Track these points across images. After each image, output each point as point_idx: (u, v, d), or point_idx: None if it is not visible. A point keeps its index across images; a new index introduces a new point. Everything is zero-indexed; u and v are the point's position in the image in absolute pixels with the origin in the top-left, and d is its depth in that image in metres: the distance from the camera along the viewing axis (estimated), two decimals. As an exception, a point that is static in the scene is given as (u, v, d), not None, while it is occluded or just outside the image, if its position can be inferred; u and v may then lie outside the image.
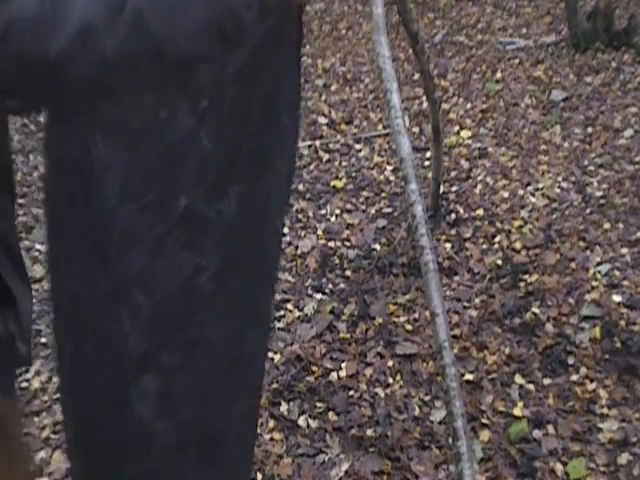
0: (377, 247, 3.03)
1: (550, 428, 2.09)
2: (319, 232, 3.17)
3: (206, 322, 0.87)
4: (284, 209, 0.98)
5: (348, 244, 3.08)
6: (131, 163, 0.76)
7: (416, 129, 4.15)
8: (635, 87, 4.45)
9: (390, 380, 2.30)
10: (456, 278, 2.81)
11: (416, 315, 2.60)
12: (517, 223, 3.12)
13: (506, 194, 3.38)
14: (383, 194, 3.47)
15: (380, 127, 4.20)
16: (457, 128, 4.11)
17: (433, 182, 3.12)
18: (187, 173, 0.76)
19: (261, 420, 2.15)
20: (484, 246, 3.00)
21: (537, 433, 2.08)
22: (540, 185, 3.44)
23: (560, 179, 3.49)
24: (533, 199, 3.33)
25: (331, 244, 3.08)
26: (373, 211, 3.33)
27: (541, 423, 2.11)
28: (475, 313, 2.59)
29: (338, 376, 2.31)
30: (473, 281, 2.79)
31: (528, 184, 3.47)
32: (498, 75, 4.85)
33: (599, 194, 3.32)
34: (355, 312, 2.63)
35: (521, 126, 4.09)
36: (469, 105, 4.42)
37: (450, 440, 1.97)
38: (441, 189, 3.20)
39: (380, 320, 2.57)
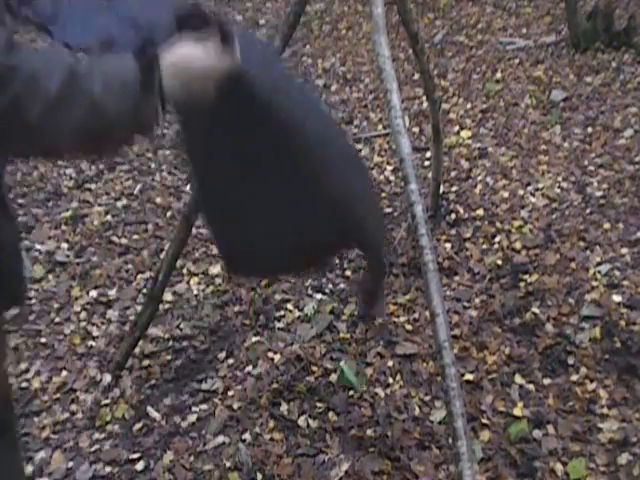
0: (377, 247, 3.03)
1: (550, 428, 2.09)
2: (319, 232, 3.17)
3: None
4: None
5: (348, 244, 3.08)
6: None
7: (416, 129, 4.15)
8: (635, 87, 4.45)
9: (390, 380, 2.30)
10: (456, 278, 2.81)
11: (416, 315, 2.60)
12: (517, 223, 3.12)
13: (506, 194, 3.37)
14: (383, 194, 3.47)
15: (380, 127, 4.20)
16: (457, 128, 4.11)
17: (433, 182, 3.12)
18: None
19: (261, 420, 2.15)
20: (484, 246, 3.00)
21: (537, 433, 2.08)
22: (540, 185, 3.43)
23: (560, 179, 3.49)
24: (533, 199, 3.33)
25: (331, 244, 3.08)
26: (373, 211, 3.33)
27: (541, 423, 2.11)
28: (475, 313, 2.59)
29: (338, 376, 2.31)
30: (473, 281, 2.79)
31: (528, 184, 3.47)
32: (498, 75, 4.85)
33: (599, 194, 3.32)
34: (355, 312, 2.62)
35: (521, 126, 4.09)
36: (469, 105, 4.42)
37: (450, 440, 1.97)
38: (441, 189, 3.20)
39: (380, 320, 2.57)
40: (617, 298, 2.59)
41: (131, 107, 0.95)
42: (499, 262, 2.88)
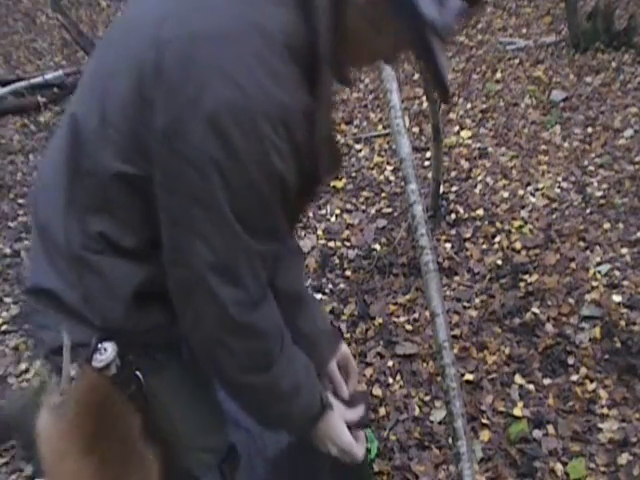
0: (377, 247, 3.03)
1: (550, 428, 2.09)
2: (319, 232, 3.17)
3: None
4: None
5: (348, 244, 3.08)
6: None
7: (416, 129, 4.15)
8: (635, 87, 4.45)
9: (390, 380, 2.30)
10: (456, 278, 2.81)
11: (416, 315, 2.60)
12: (517, 223, 3.12)
13: (506, 194, 3.37)
14: (383, 194, 3.47)
15: (380, 127, 4.20)
16: (457, 128, 4.11)
17: (433, 182, 3.12)
18: None
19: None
20: (484, 246, 3.00)
21: (537, 433, 2.08)
22: (540, 185, 3.43)
23: (560, 179, 3.49)
24: (533, 199, 3.33)
25: (331, 244, 3.08)
26: (373, 211, 3.33)
27: (541, 423, 2.11)
28: (475, 313, 2.59)
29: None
30: (473, 281, 2.79)
31: (528, 184, 3.47)
32: (498, 75, 4.85)
33: (599, 194, 3.32)
34: (355, 312, 2.63)
35: (521, 126, 4.09)
36: (469, 105, 4.42)
37: (450, 440, 1.97)
38: (441, 189, 3.20)
39: (380, 320, 2.57)
40: (617, 298, 2.59)
41: (307, 426, 1.09)
42: (499, 262, 2.88)
